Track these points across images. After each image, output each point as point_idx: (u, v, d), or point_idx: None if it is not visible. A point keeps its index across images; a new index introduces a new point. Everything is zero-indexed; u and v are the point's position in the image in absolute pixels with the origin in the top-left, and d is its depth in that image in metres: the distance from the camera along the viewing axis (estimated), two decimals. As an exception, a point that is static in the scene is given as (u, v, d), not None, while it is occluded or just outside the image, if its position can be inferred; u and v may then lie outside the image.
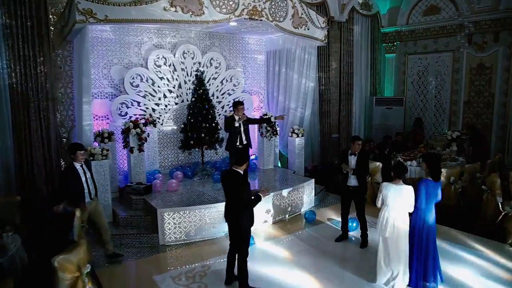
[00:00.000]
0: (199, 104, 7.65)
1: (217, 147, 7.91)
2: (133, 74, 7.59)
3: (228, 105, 8.99)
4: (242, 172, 4.28)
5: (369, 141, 9.59)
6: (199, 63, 8.22)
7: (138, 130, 6.79)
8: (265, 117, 8.02)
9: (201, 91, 7.77)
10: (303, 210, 7.30)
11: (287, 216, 6.98)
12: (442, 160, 8.01)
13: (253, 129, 8.98)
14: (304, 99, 8.93)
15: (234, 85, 9.04)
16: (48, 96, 6.93)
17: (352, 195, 5.72)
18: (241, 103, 6.52)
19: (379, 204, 4.63)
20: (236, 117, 6.41)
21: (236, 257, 4.47)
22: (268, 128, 8.54)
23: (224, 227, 6.11)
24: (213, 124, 7.70)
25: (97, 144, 6.81)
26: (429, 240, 4.47)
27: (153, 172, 7.56)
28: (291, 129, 8.85)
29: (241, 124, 6.44)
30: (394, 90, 12.02)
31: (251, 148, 6.68)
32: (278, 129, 9.01)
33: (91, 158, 6.04)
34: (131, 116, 7.64)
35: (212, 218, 6.05)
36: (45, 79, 6.86)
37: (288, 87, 9.06)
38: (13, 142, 6.72)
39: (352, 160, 5.72)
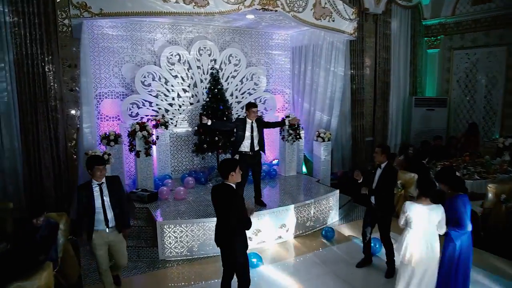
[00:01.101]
0: (214, 104, 7.08)
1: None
2: (144, 72, 7.15)
3: (248, 105, 8.35)
4: (234, 186, 3.62)
5: (406, 147, 8.46)
6: (214, 60, 7.62)
7: (144, 132, 6.32)
8: (287, 118, 7.25)
9: (216, 90, 7.20)
10: (325, 224, 6.51)
11: (306, 231, 6.22)
12: (491, 172, 6.90)
13: (274, 132, 8.30)
14: (332, 100, 8.08)
15: (255, 84, 8.38)
16: (56, 96, 6.63)
17: (375, 214, 4.87)
18: (254, 105, 5.83)
19: (401, 223, 3.96)
20: (249, 121, 5.73)
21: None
22: (291, 131, 7.80)
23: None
24: (229, 126, 7.09)
25: (104, 148, 6.46)
26: (465, 270, 3.77)
27: (163, 177, 7.09)
28: (317, 132, 8.05)
29: (254, 128, 5.74)
30: (437, 90, 10.77)
31: (264, 154, 5.97)
32: (302, 132, 8.25)
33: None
34: (142, 117, 7.21)
35: (218, 232, 5.44)
36: (53, 78, 6.57)
37: (314, 86, 8.25)
38: (20, 143, 6.51)
39: (378, 173, 4.89)
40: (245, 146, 5.77)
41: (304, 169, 9.02)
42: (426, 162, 7.01)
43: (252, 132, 5.72)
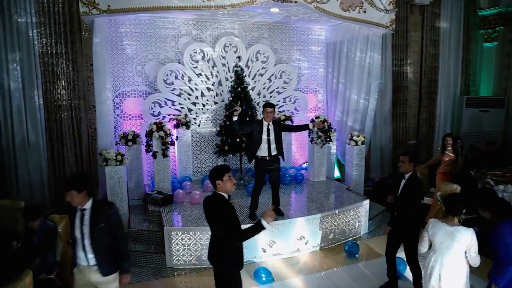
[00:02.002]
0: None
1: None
2: (166, 70, 6.96)
3: (277, 104, 7.89)
4: (225, 195, 3.20)
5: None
6: (238, 57, 7.23)
7: (161, 133, 6.11)
8: (313, 122, 6.59)
9: (240, 89, 6.83)
10: (352, 238, 5.91)
11: (328, 245, 5.67)
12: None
13: (303, 133, 7.77)
14: (366, 99, 7.36)
15: (285, 82, 7.90)
16: (79, 94, 6.68)
17: (399, 231, 4.25)
18: (270, 104, 5.35)
19: (422, 247, 3.45)
20: (265, 123, 5.27)
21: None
22: (320, 134, 7.24)
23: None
24: (252, 128, 6.69)
25: (123, 148, 6.37)
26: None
27: (182, 179, 6.87)
28: (349, 135, 7.40)
29: (270, 131, 5.28)
30: (493, 89, 9.53)
31: (283, 160, 5.49)
32: (334, 134, 7.64)
33: (105, 163, 5.53)
34: (165, 116, 7.05)
35: (229, 241, 5.08)
36: (77, 77, 6.61)
37: (348, 84, 7.58)
38: (45, 141, 6.62)
39: (402, 185, 4.28)
40: (262, 151, 5.32)
41: (337, 174, 8.40)
42: (474, 172, 6.10)
43: (268, 135, 5.26)
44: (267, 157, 5.28)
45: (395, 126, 9.05)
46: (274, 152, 5.32)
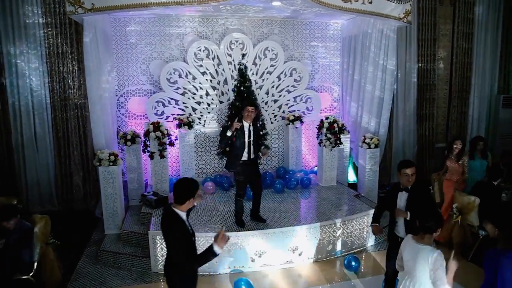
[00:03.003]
0: (239, 103, 6.44)
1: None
2: (170, 69, 6.82)
3: (286, 104, 7.53)
4: (180, 214, 2.92)
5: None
6: (242, 55, 6.94)
7: (158, 133, 5.98)
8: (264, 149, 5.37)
9: (243, 88, 6.55)
10: (354, 250, 5.44)
11: (327, 257, 5.23)
12: None
13: (314, 135, 7.34)
14: (380, 99, 6.77)
15: (296, 80, 7.50)
16: (85, 93, 6.72)
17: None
18: (253, 103, 4.96)
19: (397, 266, 3.12)
20: (246, 124, 4.90)
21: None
22: (329, 136, 6.78)
23: (231, 263, 4.88)
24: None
25: (124, 147, 6.34)
26: None
27: (183, 180, 6.71)
28: (362, 137, 6.87)
29: (251, 132, 4.90)
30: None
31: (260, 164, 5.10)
32: (348, 136, 7.15)
33: (98, 163, 5.49)
34: (168, 116, 6.94)
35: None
36: (83, 76, 6.66)
37: (362, 82, 7.03)
38: (52, 139, 6.76)
39: (402, 198, 3.77)
40: (244, 155, 4.98)
41: (353, 178, 7.86)
42: (498, 182, 5.34)
43: (249, 137, 4.90)
44: (247, 161, 4.95)
45: (420, 127, 8.33)
46: (253, 156, 4.98)
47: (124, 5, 4.52)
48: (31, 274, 4.11)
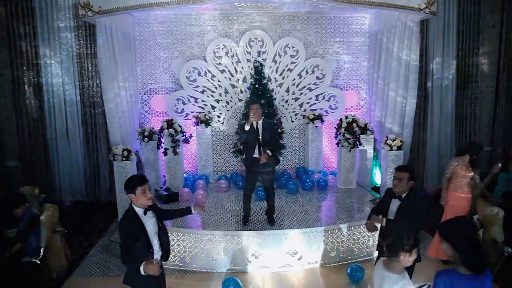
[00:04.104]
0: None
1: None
2: (189, 67, 6.96)
3: (308, 102, 7.32)
4: (137, 210, 2.94)
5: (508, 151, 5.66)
6: (258, 52, 6.84)
7: (171, 130, 6.13)
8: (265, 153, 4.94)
9: (258, 86, 6.48)
10: (362, 258, 5.12)
11: (329, 264, 4.99)
12: None
13: (333, 135, 7.03)
14: (405, 97, 6.27)
15: (318, 78, 7.25)
16: (112, 91, 7.13)
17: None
18: (254, 102, 4.90)
19: None
20: (254, 122, 4.83)
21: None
22: (347, 136, 6.46)
23: (227, 262, 4.86)
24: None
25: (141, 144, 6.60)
26: None
27: (199, 177, 6.83)
28: (385, 138, 6.45)
29: (259, 130, 4.82)
30: None
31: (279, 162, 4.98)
32: (371, 136, 6.76)
33: (113, 158, 5.77)
34: (188, 113, 7.09)
35: (213, 248, 4.85)
36: (109, 74, 7.07)
37: (386, 80, 6.58)
38: (82, 134, 7.24)
39: (394, 205, 3.51)
40: (255, 152, 4.93)
41: (376, 182, 7.41)
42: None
43: (258, 135, 4.84)
44: (258, 159, 4.87)
45: (459, 129, 7.64)
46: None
47: (129, 7, 4.71)
48: (38, 258, 4.46)
